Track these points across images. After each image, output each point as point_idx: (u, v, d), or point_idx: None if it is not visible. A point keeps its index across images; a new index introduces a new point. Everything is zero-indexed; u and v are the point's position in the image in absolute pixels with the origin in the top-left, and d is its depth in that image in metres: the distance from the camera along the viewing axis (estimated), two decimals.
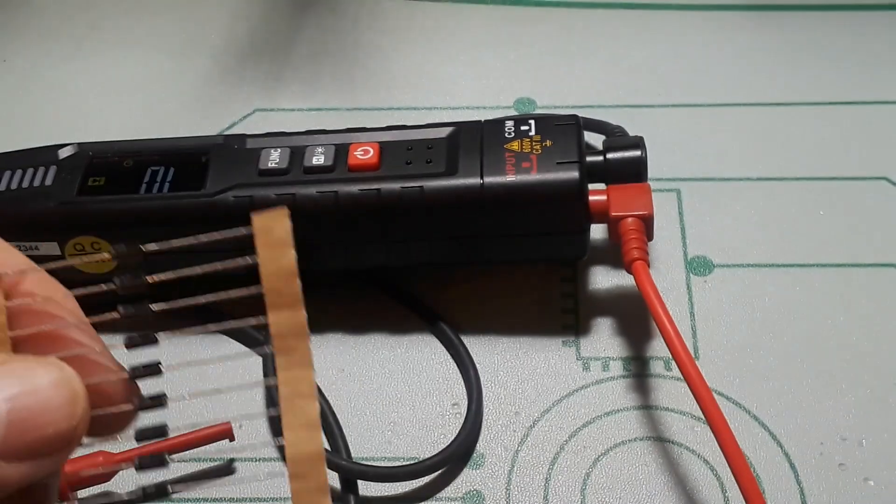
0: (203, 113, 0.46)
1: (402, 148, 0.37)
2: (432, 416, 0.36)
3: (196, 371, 0.22)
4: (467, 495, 0.34)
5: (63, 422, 0.19)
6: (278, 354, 0.20)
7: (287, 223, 0.20)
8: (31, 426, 0.18)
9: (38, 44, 0.49)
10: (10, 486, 0.18)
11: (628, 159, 0.37)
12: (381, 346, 0.38)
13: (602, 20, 0.49)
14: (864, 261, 0.39)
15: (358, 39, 0.49)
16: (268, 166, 0.36)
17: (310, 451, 0.20)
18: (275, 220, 0.20)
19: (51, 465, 0.19)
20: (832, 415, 0.35)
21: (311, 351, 0.20)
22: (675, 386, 0.36)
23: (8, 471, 0.18)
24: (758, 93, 0.45)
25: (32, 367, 0.19)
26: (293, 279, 0.20)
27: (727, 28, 0.48)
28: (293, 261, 0.20)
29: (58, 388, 0.19)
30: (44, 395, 0.19)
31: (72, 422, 0.19)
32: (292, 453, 0.20)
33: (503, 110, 0.45)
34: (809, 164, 0.42)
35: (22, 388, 0.19)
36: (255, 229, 0.20)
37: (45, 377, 0.19)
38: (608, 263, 0.39)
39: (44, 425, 0.19)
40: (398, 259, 0.37)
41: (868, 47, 0.47)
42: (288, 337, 0.20)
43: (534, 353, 0.37)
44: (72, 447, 0.19)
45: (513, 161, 0.36)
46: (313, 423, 0.20)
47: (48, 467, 0.19)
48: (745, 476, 0.30)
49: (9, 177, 0.38)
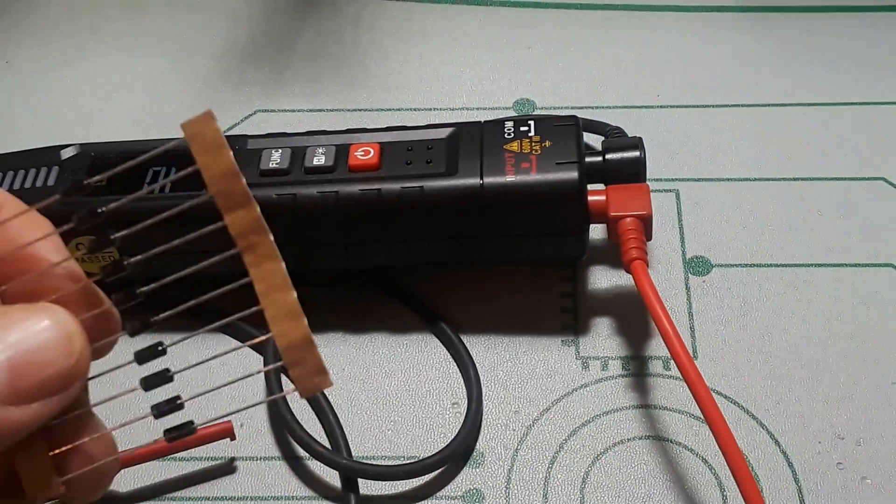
0: None
1: (403, 148, 0.37)
2: (432, 416, 0.36)
3: (196, 371, 0.22)
4: (467, 494, 0.34)
5: (62, 360, 0.20)
6: (244, 254, 0.20)
7: (215, 125, 0.20)
8: (32, 368, 0.19)
9: (41, 45, 0.49)
10: (22, 429, 0.19)
11: (627, 160, 0.37)
12: (381, 346, 0.38)
13: (602, 21, 0.49)
14: (861, 261, 0.39)
15: (358, 40, 0.49)
16: (269, 167, 0.37)
17: (298, 337, 0.20)
18: (203, 124, 0.20)
19: (58, 403, 0.20)
20: (830, 414, 0.35)
21: (274, 244, 0.20)
22: (673, 385, 0.36)
23: (17, 414, 0.19)
24: (756, 94, 0.45)
25: (26, 314, 0.20)
26: (237, 178, 0.20)
27: (726, 29, 0.48)
28: (232, 159, 0.20)
29: (53, 329, 0.20)
30: (41, 338, 0.20)
31: (70, 359, 0.20)
32: (283, 344, 0.20)
33: (503, 111, 0.45)
34: (807, 164, 0.42)
35: (19, 334, 0.20)
36: (187, 137, 0.20)
37: (40, 322, 0.20)
38: (607, 263, 0.39)
39: (44, 366, 0.20)
40: (398, 259, 0.37)
41: (866, 48, 0.47)
42: (248, 234, 0.20)
43: (533, 353, 0.37)
44: (75, 384, 0.20)
45: (512, 161, 0.36)
46: (295, 311, 0.20)
47: (55, 406, 0.20)
48: (744, 475, 0.30)
49: (11, 177, 0.38)
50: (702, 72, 0.46)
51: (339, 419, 0.36)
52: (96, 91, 0.47)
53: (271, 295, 0.20)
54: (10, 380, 0.19)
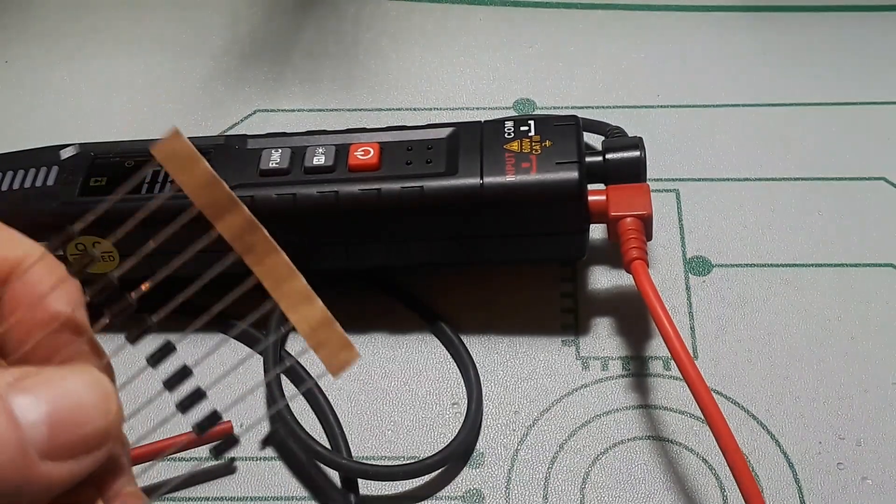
0: (204, 113, 0.46)
1: (403, 148, 0.37)
2: (432, 416, 0.36)
3: (196, 371, 0.22)
4: (467, 494, 0.34)
5: (99, 419, 0.20)
6: (244, 256, 0.20)
7: (183, 139, 0.20)
8: (71, 426, 0.20)
9: (40, 45, 0.49)
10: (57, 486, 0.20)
11: (627, 160, 0.37)
12: (381, 346, 0.38)
13: (601, 21, 0.49)
14: (862, 261, 0.39)
15: (358, 40, 0.49)
16: (269, 166, 0.37)
17: (317, 318, 0.20)
18: (173, 143, 0.20)
19: (92, 461, 0.20)
20: (830, 414, 0.35)
21: (269, 237, 0.20)
22: (674, 385, 0.36)
23: (54, 470, 0.19)
24: (756, 93, 0.45)
25: (65, 373, 0.20)
26: (217, 184, 0.20)
27: (726, 29, 0.48)
28: (207, 168, 0.20)
29: (89, 389, 0.20)
30: (78, 397, 0.20)
31: (107, 418, 0.20)
32: (305, 329, 0.20)
33: (503, 111, 0.45)
34: (808, 164, 0.42)
35: (57, 392, 0.20)
36: (160, 160, 0.20)
37: (77, 380, 0.20)
38: (607, 263, 0.39)
39: (81, 424, 0.20)
40: (398, 259, 0.37)
41: (866, 48, 0.47)
42: (242, 236, 0.20)
43: (533, 353, 0.37)
44: (109, 443, 0.20)
45: (512, 161, 0.36)
46: (307, 294, 0.20)
47: (89, 464, 0.20)
48: (744, 475, 0.30)
49: (11, 177, 0.38)
50: (702, 72, 0.46)
51: (339, 419, 0.36)
52: (96, 91, 0.47)
53: (281, 287, 0.20)
54: (50, 435, 0.19)
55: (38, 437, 0.19)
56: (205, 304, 0.22)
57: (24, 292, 0.22)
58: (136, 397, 0.22)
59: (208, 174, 0.20)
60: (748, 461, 0.34)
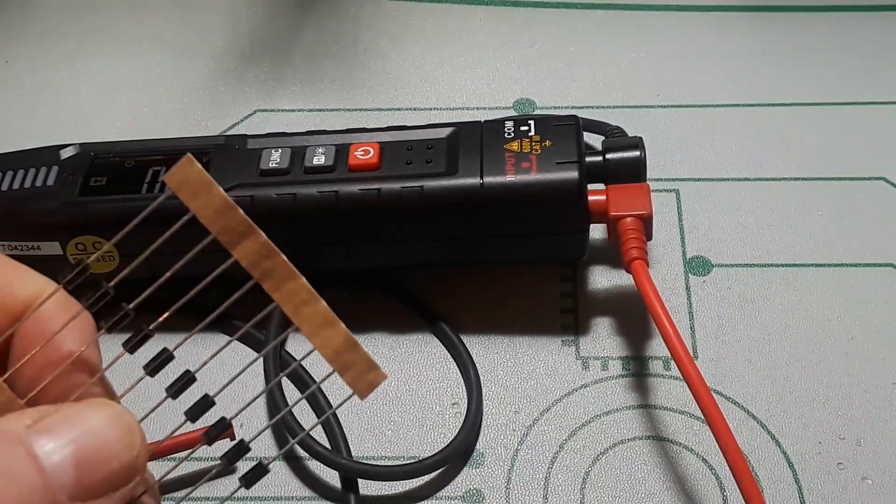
0: (204, 113, 0.46)
1: (403, 148, 0.37)
2: (432, 416, 0.36)
3: (194, 366, 0.22)
4: (467, 494, 0.34)
5: (124, 454, 0.20)
6: (262, 282, 0.20)
7: (196, 165, 0.20)
8: (97, 463, 0.19)
9: (40, 45, 0.49)
10: None
11: (627, 159, 0.37)
12: (381, 346, 0.38)
13: (601, 21, 0.49)
14: (862, 260, 0.39)
15: (358, 40, 0.49)
16: (269, 166, 0.37)
17: (340, 342, 0.20)
18: (185, 169, 0.20)
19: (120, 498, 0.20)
20: (830, 414, 0.35)
21: (287, 262, 0.20)
22: (674, 385, 0.36)
23: None
24: (756, 93, 0.45)
25: (85, 410, 0.20)
26: (232, 210, 0.20)
27: (726, 29, 0.48)
28: (222, 195, 0.20)
29: (113, 424, 0.20)
30: (101, 434, 0.20)
31: (132, 452, 0.20)
32: (328, 353, 0.20)
33: (503, 111, 0.45)
34: (808, 164, 0.42)
35: (81, 430, 0.19)
36: (173, 188, 0.20)
37: (98, 417, 0.20)
38: (607, 263, 0.39)
39: (108, 460, 0.19)
40: (398, 259, 0.37)
41: (866, 48, 0.47)
42: (260, 262, 0.20)
43: (533, 353, 0.37)
44: (137, 477, 0.20)
45: (512, 161, 0.36)
46: (329, 318, 0.20)
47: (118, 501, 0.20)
48: (744, 475, 0.30)
49: (11, 177, 0.38)
50: (702, 72, 0.46)
51: (339, 419, 0.36)
52: (96, 91, 0.47)
53: (302, 311, 0.20)
54: (77, 475, 0.19)
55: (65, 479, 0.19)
56: (204, 303, 0.22)
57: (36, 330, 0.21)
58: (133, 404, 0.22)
59: (223, 200, 0.20)
60: (748, 461, 0.34)
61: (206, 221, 0.20)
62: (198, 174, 0.20)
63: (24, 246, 0.37)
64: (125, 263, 0.36)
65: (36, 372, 0.21)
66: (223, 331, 0.38)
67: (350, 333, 0.20)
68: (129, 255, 0.36)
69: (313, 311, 0.20)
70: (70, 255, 0.37)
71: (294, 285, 0.20)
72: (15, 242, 0.37)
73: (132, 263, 0.21)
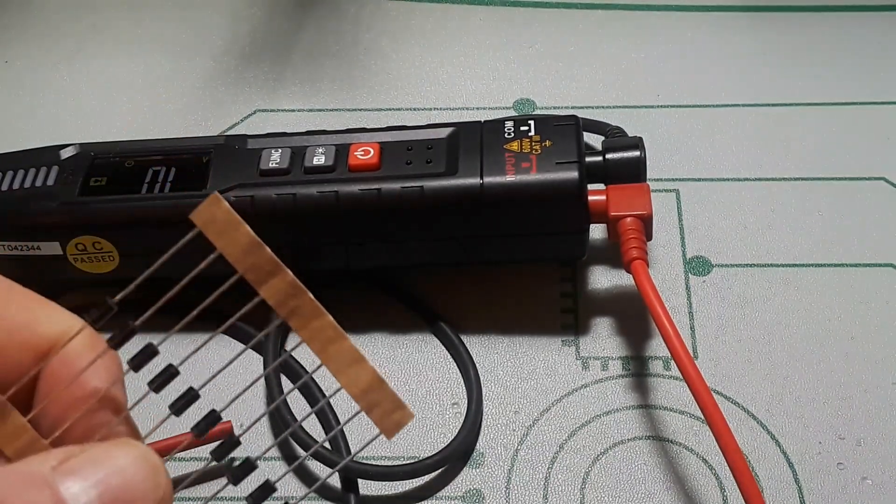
0: (204, 113, 0.46)
1: (403, 148, 0.37)
2: (432, 416, 0.36)
3: (195, 371, 0.22)
4: (467, 494, 0.34)
5: (150, 494, 0.19)
6: (290, 320, 0.20)
7: (223, 204, 0.19)
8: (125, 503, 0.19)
9: (40, 45, 0.49)
10: None
11: (627, 160, 0.37)
12: (381, 346, 0.38)
13: (601, 21, 0.49)
14: (862, 261, 0.39)
15: (358, 40, 0.49)
16: (269, 166, 0.37)
17: (367, 381, 0.20)
18: (212, 208, 0.20)
19: None
20: (830, 414, 0.35)
21: (314, 300, 0.20)
22: (674, 385, 0.36)
23: None
24: (756, 93, 0.45)
25: (111, 450, 0.19)
26: (260, 248, 0.20)
27: (726, 29, 0.48)
28: (250, 233, 0.20)
29: (139, 464, 0.19)
30: (128, 475, 0.19)
31: (157, 493, 0.19)
32: (355, 392, 0.20)
33: (503, 111, 0.45)
34: (808, 164, 0.42)
35: (106, 471, 0.19)
36: (200, 226, 0.20)
37: (125, 457, 0.19)
38: (607, 263, 0.39)
39: (135, 500, 0.19)
40: (398, 259, 0.37)
41: (866, 48, 0.47)
42: (287, 300, 0.20)
43: (533, 353, 0.37)
44: None
45: (512, 161, 0.36)
46: (356, 357, 0.20)
47: None
48: (744, 475, 0.30)
49: (11, 177, 0.38)
50: (702, 72, 0.46)
51: (339, 419, 0.36)
52: (96, 91, 0.47)
53: (328, 349, 0.20)
54: None
55: None
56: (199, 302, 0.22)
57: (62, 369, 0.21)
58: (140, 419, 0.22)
59: (251, 238, 0.20)
60: (748, 461, 0.34)
61: (234, 260, 0.20)
62: (225, 213, 0.19)
63: (24, 246, 0.37)
64: (125, 263, 0.36)
65: (61, 411, 0.21)
66: (229, 334, 0.37)
67: (377, 371, 0.20)
68: (130, 255, 0.36)
69: (339, 348, 0.20)
70: (70, 255, 0.37)
71: (320, 323, 0.20)
72: (15, 242, 0.37)
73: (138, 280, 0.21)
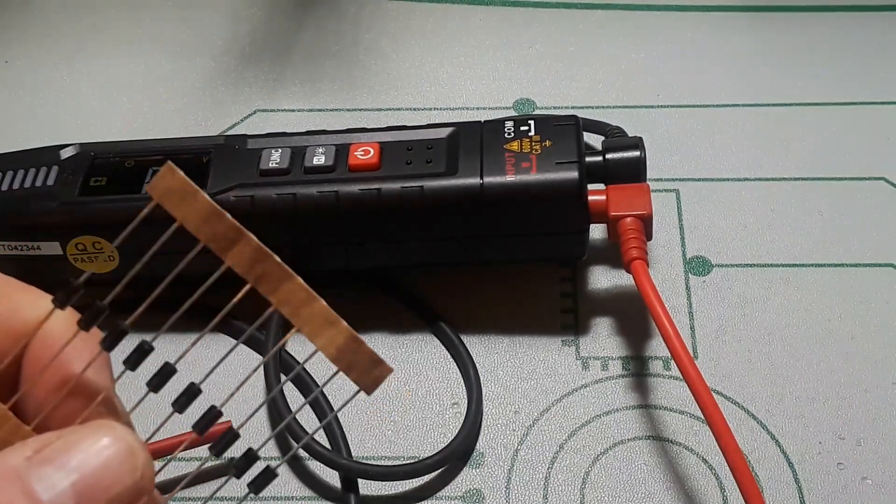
0: (204, 113, 0.46)
1: (403, 148, 0.37)
2: (432, 416, 0.36)
3: (194, 370, 0.22)
4: (467, 494, 0.34)
5: (127, 476, 0.19)
6: (258, 286, 0.20)
7: (178, 173, 0.19)
8: (98, 490, 0.19)
9: (40, 45, 0.49)
10: None
11: (627, 160, 0.37)
12: (381, 346, 0.38)
13: (601, 21, 0.49)
14: (862, 261, 0.39)
15: (358, 40, 0.49)
16: (269, 166, 0.37)
17: (343, 340, 0.20)
18: (167, 179, 0.19)
19: None
20: (830, 414, 0.35)
21: (281, 263, 0.19)
22: (674, 385, 0.36)
23: None
24: (756, 93, 0.45)
25: (84, 434, 0.19)
26: (220, 216, 0.19)
27: (726, 29, 0.48)
28: (207, 201, 0.19)
29: (114, 446, 0.19)
30: (103, 457, 0.19)
31: (135, 474, 0.19)
32: (331, 353, 0.20)
33: (503, 111, 0.45)
34: (808, 164, 0.42)
35: (81, 456, 0.19)
36: (156, 199, 0.19)
37: (100, 440, 0.19)
38: (607, 263, 0.39)
39: (111, 485, 0.19)
40: (398, 259, 0.37)
41: (866, 48, 0.47)
42: (254, 266, 0.20)
43: (533, 353, 0.37)
44: (142, 499, 0.20)
45: (512, 161, 0.36)
46: (330, 317, 0.20)
47: None
48: (744, 475, 0.30)
49: (11, 177, 0.38)
50: (702, 72, 0.46)
51: (339, 419, 0.36)
52: (96, 91, 0.47)
53: (300, 312, 0.20)
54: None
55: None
56: (205, 303, 0.22)
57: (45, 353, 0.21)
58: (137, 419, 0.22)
59: (209, 206, 0.19)
60: (748, 461, 0.34)
61: (194, 230, 0.19)
62: (181, 183, 0.19)
63: (24, 246, 0.37)
64: (125, 263, 0.37)
65: (46, 395, 0.21)
66: (227, 332, 0.38)
67: (352, 330, 0.20)
68: (130, 255, 0.36)
69: (312, 311, 0.20)
70: (70, 255, 0.37)
71: (290, 286, 0.20)
72: (15, 242, 0.37)
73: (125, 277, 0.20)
